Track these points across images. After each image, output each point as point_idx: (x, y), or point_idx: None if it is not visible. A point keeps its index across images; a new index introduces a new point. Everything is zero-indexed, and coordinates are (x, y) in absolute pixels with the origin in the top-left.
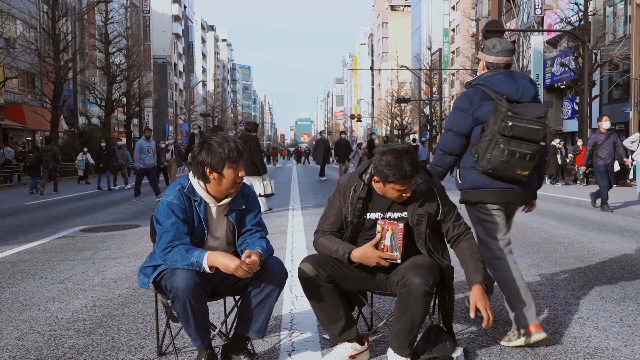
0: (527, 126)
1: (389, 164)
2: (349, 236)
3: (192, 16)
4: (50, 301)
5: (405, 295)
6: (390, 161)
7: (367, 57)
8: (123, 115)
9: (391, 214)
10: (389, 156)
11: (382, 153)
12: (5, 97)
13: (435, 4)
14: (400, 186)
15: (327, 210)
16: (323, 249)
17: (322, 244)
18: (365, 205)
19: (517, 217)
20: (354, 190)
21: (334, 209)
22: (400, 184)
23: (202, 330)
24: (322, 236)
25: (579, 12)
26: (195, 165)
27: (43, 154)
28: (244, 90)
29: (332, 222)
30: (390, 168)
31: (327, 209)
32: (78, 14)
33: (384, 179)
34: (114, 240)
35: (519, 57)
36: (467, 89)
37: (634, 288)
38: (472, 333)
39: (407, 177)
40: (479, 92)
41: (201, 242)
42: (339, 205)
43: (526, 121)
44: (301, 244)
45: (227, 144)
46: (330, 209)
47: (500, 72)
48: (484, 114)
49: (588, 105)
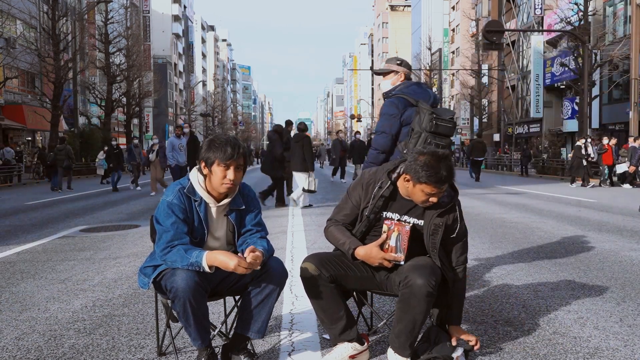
0: (445, 124)
1: (427, 164)
2: (362, 230)
3: (192, 16)
4: (50, 301)
5: (407, 296)
6: (429, 162)
7: (367, 57)
8: (123, 115)
9: (407, 217)
10: (428, 157)
11: (420, 153)
12: (5, 97)
13: (435, 4)
14: (431, 189)
15: (343, 201)
16: (332, 238)
17: (332, 233)
18: (385, 203)
19: (517, 216)
20: (380, 187)
21: (351, 201)
22: (432, 187)
23: (202, 330)
24: (334, 225)
25: (579, 12)
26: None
27: (57, 153)
28: (244, 90)
29: (347, 214)
30: (427, 169)
31: (344, 200)
32: (78, 14)
33: (417, 179)
34: (114, 240)
35: (519, 57)
36: (387, 99)
37: (634, 288)
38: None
39: (441, 182)
40: (402, 101)
41: (201, 242)
42: (357, 199)
43: (443, 120)
44: (301, 244)
45: (227, 143)
46: (347, 200)
47: (412, 83)
48: (408, 117)
49: (588, 105)
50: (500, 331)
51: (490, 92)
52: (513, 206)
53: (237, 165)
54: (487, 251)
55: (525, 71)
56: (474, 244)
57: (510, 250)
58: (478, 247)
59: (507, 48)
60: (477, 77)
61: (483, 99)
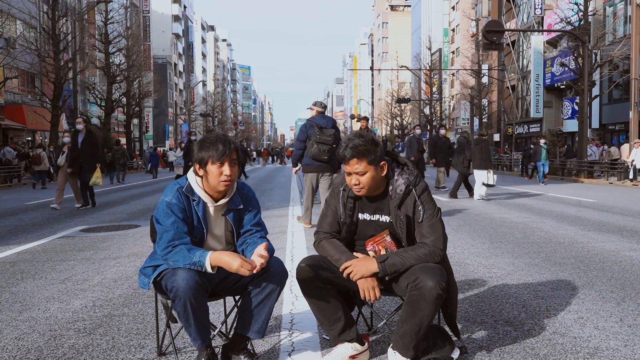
0: (325, 137)
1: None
2: (344, 237)
3: (192, 16)
4: (50, 301)
5: (416, 297)
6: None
7: (367, 57)
8: (123, 115)
9: (379, 216)
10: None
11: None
12: (5, 97)
13: (435, 4)
14: (345, 167)
15: (325, 209)
16: (325, 254)
17: (325, 248)
18: (355, 204)
19: (517, 216)
20: (344, 190)
21: (330, 208)
22: (345, 165)
23: (202, 330)
24: (325, 239)
25: (579, 12)
26: (193, 162)
27: (115, 152)
28: (244, 90)
29: (330, 222)
30: (340, 150)
31: (325, 208)
32: (78, 14)
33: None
34: (114, 240)
35: (519, 57)
36: (305, 121)
37: (634, 288)
38: (471, 333)
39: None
40: (309, 124)
41: (200, 241)
42: (335, 204)
43: (324, 135)
44: (301, 244)
45: (218, 142)
46: (328, 208)
47: (320, 115)
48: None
49: (588, 105)
50: (500, 331)
51: (490, 92)
52: (513, 206)
53: (231, 161)
54: (487, 251)
55: (525, 71)
56: (474, 244)
57: (510, 250)
58: (478, 247)
59: (507, 48)
60: (477, 77)
61: (483, 99)
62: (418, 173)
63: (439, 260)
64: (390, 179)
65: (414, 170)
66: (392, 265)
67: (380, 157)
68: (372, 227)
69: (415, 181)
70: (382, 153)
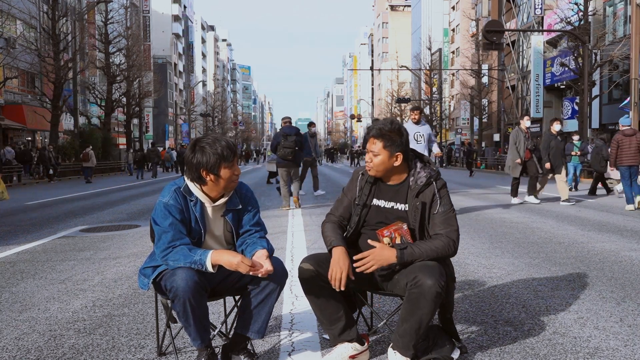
0: (288, 143)
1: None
2: (355, 221)
3: (192, 16)
4: (50, 301)
5: (415, 296)
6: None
7: (367, 57)
8: (123, 115)
9: (394, 203)
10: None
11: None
12: (5, 97)
13: (435, 4)
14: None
15: (341, 196)
16: (323, 233)
17: (325, 228)
18: (371, 189)
19: (517, 216)
20: (362, 174)
21: (347, 196)
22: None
23: (202, 330)
24: (330, 222)
25: (579, 12)
26: (189, 169)
27: (149, 153)
28: (244, 90)
29: (344, 208)
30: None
31: (342, 195)
32: (78, 14)
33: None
34: (114, 240)
35: (519, 57)
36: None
37: (634, 288)
38: (471, 333)
39: (369, 133)
40: (279, 133)
41: (199, 241)
42: (352, 192)
43: (287, 142)
44: (301, 244)
45: (219, 144)
46: (344, 196)
47: (287, 126)
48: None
49: (588, 105)
50: (500, 331)
51: (490, 92)
52: (513, 206)
53: (237, 159)
54: (487, 251)
55: (525, 71)
56: (474, 244)
57: (510, 250)
58: (478, 247)
59: (507, 48)
60: (477, 77)
61: (483, 99)
62: (439, 171)
63: (453, 253)
64: (412, 169)
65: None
66: (411, 255)
67: (397, 146)
68: (383, 215)
69: (437, 176)
70: (403, 145)
